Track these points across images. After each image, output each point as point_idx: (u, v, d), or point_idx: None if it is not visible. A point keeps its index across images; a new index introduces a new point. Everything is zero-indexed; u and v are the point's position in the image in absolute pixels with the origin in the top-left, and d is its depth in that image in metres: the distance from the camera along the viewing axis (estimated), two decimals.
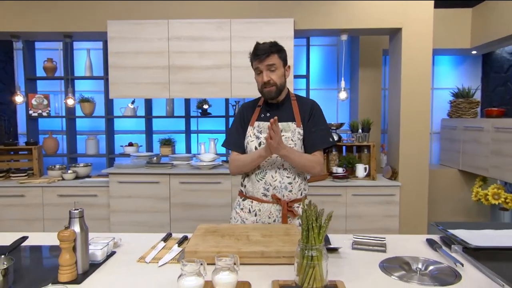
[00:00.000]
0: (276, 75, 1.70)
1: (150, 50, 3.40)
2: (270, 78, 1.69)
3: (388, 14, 3.36)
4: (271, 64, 1.68)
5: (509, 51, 4.33)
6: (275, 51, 1.69)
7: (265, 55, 1.67)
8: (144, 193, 3.39)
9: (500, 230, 1.66)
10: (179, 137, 4.58)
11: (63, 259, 1.17)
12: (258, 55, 1.69)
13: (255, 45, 1.74)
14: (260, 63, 1.69)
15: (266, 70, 1.69)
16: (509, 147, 3.44)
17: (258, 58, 1.69)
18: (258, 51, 1.69)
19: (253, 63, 1.75)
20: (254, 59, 1.72)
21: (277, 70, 1.70)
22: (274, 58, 1.69)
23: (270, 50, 1.68)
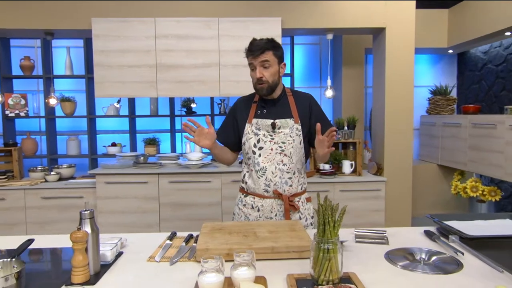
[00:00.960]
0: (269, 72, 1.71)
1: (136, 48, 3.36)
2: (262, 75, 1.70)
3: (372, 14, 3.45)
4: (265, 61, 1.69)
5: (482, 51, 4.53)
6: (270, 48, 1.70)
7: (259, 52, 1.68)
8: (132, 194, 3.35)
9: (490, 220, 1.76)
10: (163, 137, 4.54)
11: (76, 261, 1.16)
12: (252, 51, 1.69)
13: (251, 41, 1.74)
14: (254, 59, 1.70)
15: (260, 66, 1.70)
16: (485, 142, 3.60)
17: (252, 54, 1.70)
18: (253, 47, 1.70)
19: (248, 59, 1.75)
20: (248, 55, 1.73)
21: (271, 67, 1.71)
22: (268, 55, 1.70)
23: (265, 46, 1.69)
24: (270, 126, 1.76)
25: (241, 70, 3.40)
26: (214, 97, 4.38)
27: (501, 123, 3.40)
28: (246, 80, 3.41)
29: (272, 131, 1.76)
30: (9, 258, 1.16)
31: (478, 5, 3.92)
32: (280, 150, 1.75)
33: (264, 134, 1.76)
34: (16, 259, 1.15)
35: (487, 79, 4.44)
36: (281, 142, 1.76)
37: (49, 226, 3.35)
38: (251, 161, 1.78)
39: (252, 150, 1.77)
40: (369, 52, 4.51)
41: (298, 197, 1.79)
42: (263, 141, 1.76)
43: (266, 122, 1.77)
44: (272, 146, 1.75)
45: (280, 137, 1.76)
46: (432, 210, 4.52)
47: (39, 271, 1.27)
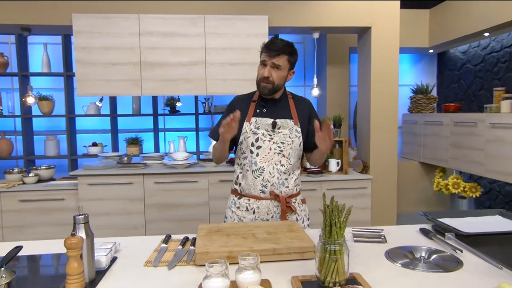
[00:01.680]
0: (277, 75, 1.69)
1: (120, 45, 3.26)
2: (270, 75, 1.68)
3: (358, 13, 3.47)
4: (278, 64, 1.67)
5: (461, 51, 4.64)
6: (287, 52, 1.68)
7: (276, 53, 1.66)
8: (116, 195, 3.25)
9: (481, 217, 1.79)
10: (146, 136, 4.45)
11: (71, 268, 1.10)
12: (270, 49, 1.66)
13: (271, 38, 1.72)
14: (268, 58, 1.67)
15: (271, 66, 1.68)
16: (466, 140, 3.70)
17: (269, 52, 1.66)
18: (272, 45, 1.66)
19: (262, 54, 1.71)
20: (264, 51, 1.69)
21: (281, 71, 1.69)
22: (283, 59, 1.68)
23: (283, 49, 1.66)
24: (271, 125, 1.73)
25: (228, 68, 3.36)
26: (198, 96, 4.32)
27: (481, 121, 3.49)
28: (233, 78, 3.37)
29: (272, 131, 1.73)
30: None
31: (459, 6, 4.02)
32: (279, 150, 1.73)
33: (263, 133, 1.73)
34: (5, 268, 1.08)
35: (466, 79, 4.56)
36: (280, 142, 1.73)
37: (28, 230, 3.22)
38: (247, 161, 1.75)
39: (249, 149, 1.73)
40: (353, 51, 4.55)
41: (294, 198, 1.78)
42: (261, 140, 1.73)
43: (267, 121, 1.74)
44: (271, 145, 1.72)
45: (279, 137, 1.73)
46: (415, 207, 4.60)
47: (29, 281, 1.20)
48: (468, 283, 1.14)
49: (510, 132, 3.18)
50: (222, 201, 3.33)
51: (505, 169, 3.23)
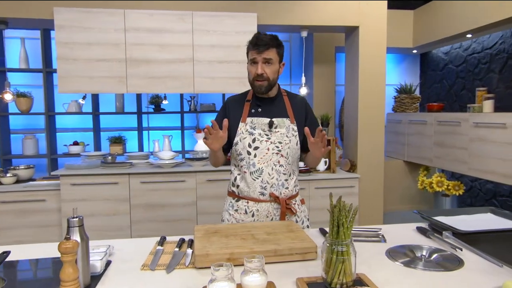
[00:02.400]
0: (271, 70, 1.65)
1: (105, 41, 3.16)
2: (264, 72, 1.63)
3: (346, 13, 3.48)
4: (269, 58, 1.63)
5: (444, 51, 4.73)
6: (274, 45, 1.64)
7: (265, 47, 1.61)
8: (100, 195, 3.15)
9: (473, 215, 1.81)
10: (129, 135, 4.34)
11: (66, 274, 1.04)
12: (258, 45, 1.61)
13: (255, 35, 1.66)
14: (258, 54, 1.62)
15: (262, 63, 1.63)
16: (450, 139, 3.77)
17: (257, 49, 1.62)
18: (259, 41, 1.61)
19: (249, 52, 1.67)
20: (252, 49, 1.64)
21: (273, 65, 1.65)
22: (272, 52, 1.64)
23: (270, 43, 1.62)
24: (267, 125, 1.69)
25: (216, 66, 3.31)
26: (184, 94, 4.25)
27: (465, 121, 3.56)
28: (221, 76, 3.33)
29: (269, 130, 1.69)
30: None
31: (442, 8, 4.09)
32: (277, 150, 1.69)
33: (259, 134, 1.69)
34: None
35: (448, 79, 4.65)
36: (277, 142, 1.69)
37: (8, 233, 3.08)
38: (244, 163, 1.70)
39: (246, 150, 1.69)
40: (339, 51, 4.57)
41: (294, 200, 1.75)
42: (258, 141, 1.68)
43: (263, 121, 1.70)
44: (269, 146, 1.68)
45: (276, 137, 1.69)
46: (399, 205, 4.67)
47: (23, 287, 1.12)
48: (471, 282, 1.15)
49: (492, 131, 3.25)
50: (211, 201, 3.29)
51: (488, 167, 3.30)
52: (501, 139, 3.16)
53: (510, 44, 3.74)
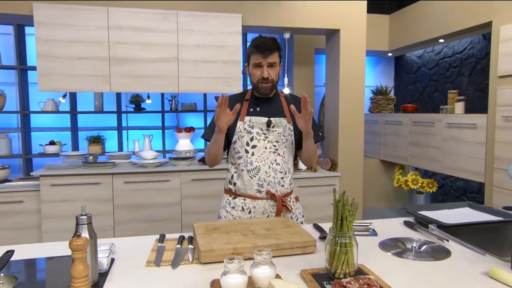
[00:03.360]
0: (274, 72, 1.71)
1: (87, 39, 3.10)
2: (269, 75, 1.69)
3: (328, 16, 3.58)
4: (273, 62, 1.68)
5: (417, 55, 4.94)
6: (276, 48, 1.69)
7: (269, 52, 1.66)
8: (82, 196, 3.10)
9: (453, 209, 1.93)
10: (107, 134, 4.27)
11: (77, 271, 1.04)
12: (263, 49, 1.65)
13: (258, 38, 1.70)
14: (263, 58, 1.66)
15: (267, 66, 1.68)
16: (424, 139, 3.95)
17: (263, 53, 1.65)
18: (265, 45, 1.65)
19: (253, 56, 1.70)
20: (256, 52, 1.67)
21: (276, 68, 1.71)
22: (275, 55, 1.69)
23: (273, 46, 1.67)
24: (265, 124, 1.73)
25: (201, 66, 3.32)
26: (165, 93, 4.23)
27: (438, 121, 3.74)
28: (206, 76, 3.34)
29: (266, 130, 1.74)
30: None
31: (417, 13, 4.28)
32: (274, 149, 1.73)
33: (257, 132, 1.73)
34: (4, 274, 1.01)
35: (421, 81, 4.86)
36: (275, 141, 1.74)
37: None
38: (242, 161, 1.74)
39: (244, 148, 1.73)
40: (318, 52, 4.68)
41: (289, 197, 1.80)
42: (256, 140, 1.72)
43: (261, 120, 1.74)
44: (266, 144, 1.73)
45: (274, 136, 1.74)
46: (376, 203, 4.83)
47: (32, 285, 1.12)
48: (459, 269, 1.24)
49: (463, 131, 3.45)
50: (195, 201, 3.30)
51: (460, 165, 3.49)
52: (471, 138, 3.35)
53: (478, 49, 3.97)
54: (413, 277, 1.18)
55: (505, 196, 3.00)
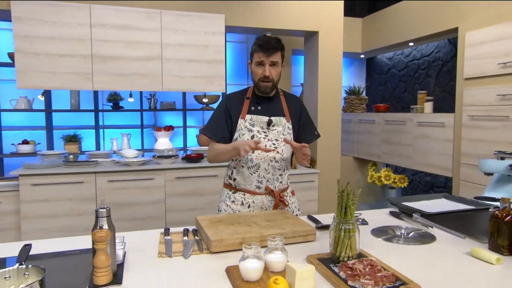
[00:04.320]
0: (276, 72, 1.76)
1: (68, 36, 3.06)
2: (270, 74, 1.74)
3: (307, 18, 3.72)
4: (275, 61, 1.73)
5: (387, 57, 5.19)
6: (280, 48, 1.74)
7: (273, 51, 1.71)
8: (64, 195, 3.05)
9: (431, 200, 2.10)
10: (83, 133, 4.19)
11: (100, 261, 1.09)
12: (267, 48, 1.70)
13: (262, 37, 1.75)
14: (266, 57, 1.71)
15: (270, 65, 1.73)
16: (396, 137, 4.18)
17: (266, 52, 1.70)
18: (268, 44, 1.70)
19: (256, 54, 1.74)
20: (259, 51, 1.72)
21: (277, 67, 1.76)
22: (278, 55, 1.74)
23: (277, 46, 1.72)
24: (266, 123, 1.80)
25: (185, 65, 3.35)
26: (143, 92, 4.21)
27: (410, 120, 3.97)
28: (190, 75, 3.38)
29: (267, 128, 1.80)
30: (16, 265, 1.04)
31: (388, 17, 4.51)
32: (274, 147, 1.80)
33: (258, 131, 1.79)
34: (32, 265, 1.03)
35: (391, 82, 5.12)
36: (274, 139, 1.81)
37: None
38: (242, 157, 1.81)
39: None
40: (295, 53, 4.82)
41: (286, 192, 1.89)
42: (257, 137, 1.78)
43: (262, 119, 1.80)
44: (266, 143, 1.79)
45: (274, 135, 1.81)
46: None
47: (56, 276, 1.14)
48: (445, 251, 1.38)
49: (433, 129, 3.69)
50: (180, 199, 3.33)
51: (430, 161, 3.73)
52: (441, 136, 3.59)
53: (444, 53, 4.24)
54: (406, 259, 1.31)
55: (471, 189, 3.25)
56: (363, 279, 1.08)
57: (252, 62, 1.79)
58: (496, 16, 3.08)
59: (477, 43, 3.18)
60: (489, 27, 3.09)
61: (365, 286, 1.06)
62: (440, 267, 1.24)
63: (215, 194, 3.38)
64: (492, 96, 3.04)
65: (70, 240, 1.51)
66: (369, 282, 1.07)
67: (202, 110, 4.35)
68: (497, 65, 3.00)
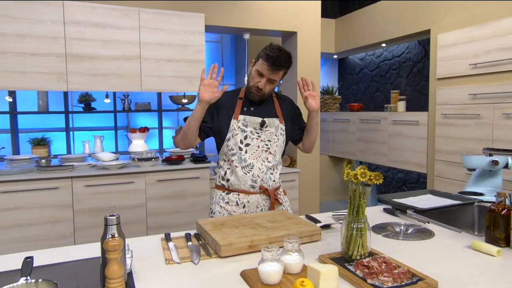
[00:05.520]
0: (270, 88, 1.76)
1: (40, 34, 2.89)
2: (264, 88, 1.73)
3: (286, 18, 3.74)
4: (275, 80, 1.72)
5: (359, 57, 5.33)
6: (286, 68, 1.72)
7: (278, 69, 1.68)
8: (38, 202, 2.88)
9: (417, 197, 2.17)
10: (54, 136, 3.99)
11: (112, 271, 1.02)
12: (275, 65, 1.65)
13: (274, 49, 1.68)
14: (268, 72, 1.68)
15: (267, 80, 1.71)
16: (371, 135, 4.30)
17: (271, 67, 1.66)
18: (277, 62, 1.65)
19: (261, 61, 1.69)
20: (265, 63, 1.66)
21: (274, 84, 1.76)
22: (281, 74, 1.72)
23: (285, 65, 1.69)
24: (259, 124, 1.79)
25: (164, 65, 3.27)
26: (116, 92, 4.07)
27: (384, 119, 4.10)
28: (170, 75, 3.30)
29: (260, 129, 1.80)
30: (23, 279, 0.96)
31: (362, 18, 4.62)
32: (266, 148, 1.80)
33: (251, 131, 1.78)
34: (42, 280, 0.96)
35: (363, 82, 5.26)
36: (267, 140, 1.81)
37: None
38: (235, 158, 1.78)
39: (238, 146, 1.77)
40: None
41: (279, 191, 1.89)
42: (250, 138, 1.78)
43: (255, 120, 1.79)
44: (259, 143, 1.79)
45: (266, 135, 1.81)
46: (325, 196, 5.13)
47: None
48: (446, 245, 1.43)
49: (407, 127, 3.82)
50: (161, 202, 3.24)
51: (404, 159, 3.87)
52: (414, 134, 3.73)
53: (415, 54, 4.41)
54: (412, 254, 1.34)
55: (444, 184, 3.41)
56: (382, 276, 1.10)
57: (254, 65, 1.76)
58: (467, 20, 3.24)
59: (449, 44, 3.33)
60: (460, 30, 3.24)
61: (385, 284, 1.07)
62: (446, 261, 1.28)
63: (197, 196, 3.33)
64: (464, 95, 3.19)
65: (66, 250, 1.43)
66: (388, 279, 1.08)
67: (177, 110, 4.27)
68: (468, 65, 3.16)
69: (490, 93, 2.97)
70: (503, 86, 2.89)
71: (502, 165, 2.02)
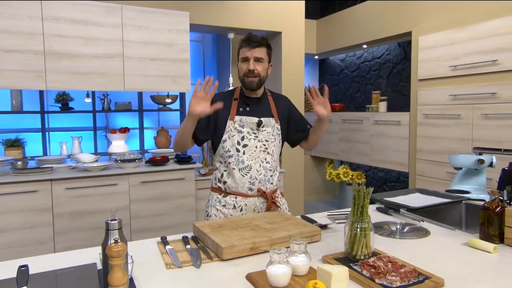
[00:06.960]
0: (262, 67, 1.73)
1: (16, 30, 2.76)
2: (255, 68, 1.71)
3: (271, 19, 3.73)
4: (260, 57, 1.71)
5: (340, 58, 5.39)
6: (265, 45, 1.73)
7: (256, 44, 1.69)
8: (14, 207, 2.75)
9: (406, 195, 2.20)
10: (29, 137, 3.82)
11: (115, 279, 0.98)
12: (249, 42, 1.69)
13: (247, 34, 1.74)
14: (249, 51, 1.69)
15: (254, 60, 1.70)
16: (353, 135, 4.35)
17: (249, 46, 1.69)
18: (251, 38, 1.70)
19: (241, 50, 1.73)
20: (244, 46, 1.71)
21: (263, 63, 1.73)
22: (263, 51, 1.72)
23: (261, 41, 1.71)
24: (255, 124, 1.76)
25: (148, 63, 3.19)
26: (95, 92, 3.94)
27: (366, 119, 4.16)
28: (154, 74, 3.23)
29: (256, 129, 1.77)
30: None
31: (343, 20, 4.68)
32: (264, 148, 1.78)
33: (248, 132, 1.75)
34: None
35: (344, 83, 5.32)
36: (264, 140, 1.78)
37: None
38: (233, 159, 1.74)
39: (235, 147, 1.74)
40: None
41: (276, 193, 1.86)
42: (247, 139, 1.75)
43: (252, 120, 1.76)
44: (257, 144, 1.76)
45: (263, 135, 1.78)
46: (309, 196, 5.15)
47: None
48: (443, 243, 1.45)
49: (388, 127, 3.90)
50: (145, 204, 3.16)
51: (387, 158, 3.94)
52: (396, 134, 3.81)
53: (394, 55, 4.51)
54: (411, 253, 1.35)
55: (425, 182, 3.49)
56: (389, 276, 1.10)
57: (239, 60, 1.77)
58: (447, 23, 3.33)
59: (430, 46, 3.41)
60: (440, 32, 3.33)
61: (394, 283, 1.07)
62: (445, 259, 1.30)
63: (183, 198, 3.26)
64: (444, 96, 3.28)
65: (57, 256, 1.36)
66: (396, 279, 1.08)
67: (159, 110, 4.18)
68: (448, 67, 3.24)
69: (470, 94, 3.07)
70: (482, 87, 2.99)
71: (487, 164, 2.08)
